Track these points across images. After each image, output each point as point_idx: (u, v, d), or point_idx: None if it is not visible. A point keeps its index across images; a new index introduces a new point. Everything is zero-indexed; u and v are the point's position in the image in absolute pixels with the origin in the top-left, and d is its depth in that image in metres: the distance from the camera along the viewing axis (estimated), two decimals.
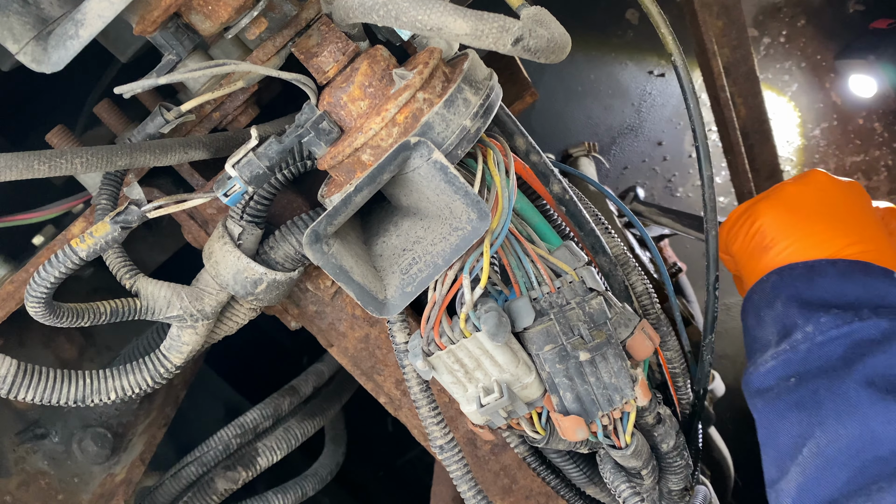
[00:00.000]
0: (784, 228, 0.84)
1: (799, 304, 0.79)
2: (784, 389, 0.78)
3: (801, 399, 0.76)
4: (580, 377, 0.71)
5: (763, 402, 0.80)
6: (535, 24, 0.58)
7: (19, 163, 0.63)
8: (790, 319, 0.79)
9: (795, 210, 0.85)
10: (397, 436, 1.87)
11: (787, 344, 0.79)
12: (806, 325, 0.78)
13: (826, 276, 0.80)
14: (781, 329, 0.80)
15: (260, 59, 0.73)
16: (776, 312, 0.81)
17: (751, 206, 0.89)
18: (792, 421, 0.76)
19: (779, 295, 0.82)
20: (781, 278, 0.82)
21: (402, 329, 0.77)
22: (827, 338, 0.76)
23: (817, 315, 0.78)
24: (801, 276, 0.81)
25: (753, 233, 0.86)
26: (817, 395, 0.75)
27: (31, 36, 0.65)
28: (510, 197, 0.69)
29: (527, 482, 0.99)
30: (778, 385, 0.79)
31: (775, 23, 1.90)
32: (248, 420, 1.13)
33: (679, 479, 0.86)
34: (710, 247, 0.82)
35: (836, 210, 0.85)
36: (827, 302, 0.78)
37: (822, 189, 0.87)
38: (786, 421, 0.77)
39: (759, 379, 0.81)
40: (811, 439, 0.74)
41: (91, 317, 0.74)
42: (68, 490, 1.01)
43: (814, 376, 0.76)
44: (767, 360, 0.80)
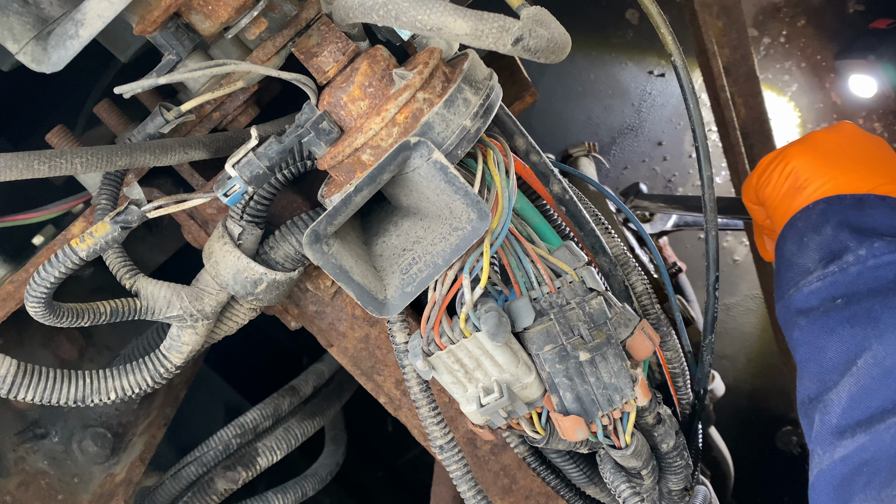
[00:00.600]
0: (818, 168, 0.85)
1: (851, 229, 0.79)
2: (832, 308, 0.77)
3: (853, 315, 0.75)
4: (580, 377, 0.71)
5: (808, 319, 0.80)
6: (535, 24, 0.58)
7: (19, 163, 0.63)
8: (840, 243, 0.79)
9: (828, 153, 0.87)
10: (397, 436, 1.87)
11: (835, 266, 0.79)
12: (859, 248, 0.78)
13: (877, 207, 0.81)
14: (828, 253, 0.80)
15: (260, 59, 0.73)
16: (824, 237, 0.81)
17: (782, 150, 0.90)
18: (844, 335, 0.76)
19: (828, 220, 0.82)
20: (830, 205, 0.83)
21: (402, 329, 0.77)
22: (880, 262, 0.76)
23: (871, 240, 0.78)
24: (851, 205, 0.82)
25: (787, 174, 0.87)
26: (872, 312, 0.74)
27: (31, 36, 0.65)
28: (510, 197, 0.69)
29: (527, 482, 0.99)
30: (823, 304, 0.78)
31: (775, 23, 1.90)
32: (248, 420, 1.13)
33: (679, 479, 0.86)
34: (710, 247, 0.82)
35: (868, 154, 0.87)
36: (878, 231, 0.79)
37: (853, 136, 0.89)
38: (835, 335, 0.76)
39: (803, 299, 0.80)
40: (868, 351, 0.73)
41: (91, 317, 0.74)
42: (68, 490, 1.01)
43: (865, 296, 0.76)
44: (812, 281, 0.80)
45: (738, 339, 2.10)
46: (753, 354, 2.10)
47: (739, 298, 2.07)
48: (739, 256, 1.99)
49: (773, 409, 2.09)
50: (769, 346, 2.08)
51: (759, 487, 2.05)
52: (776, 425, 2.10)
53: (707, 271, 0.84)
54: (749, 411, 2.10)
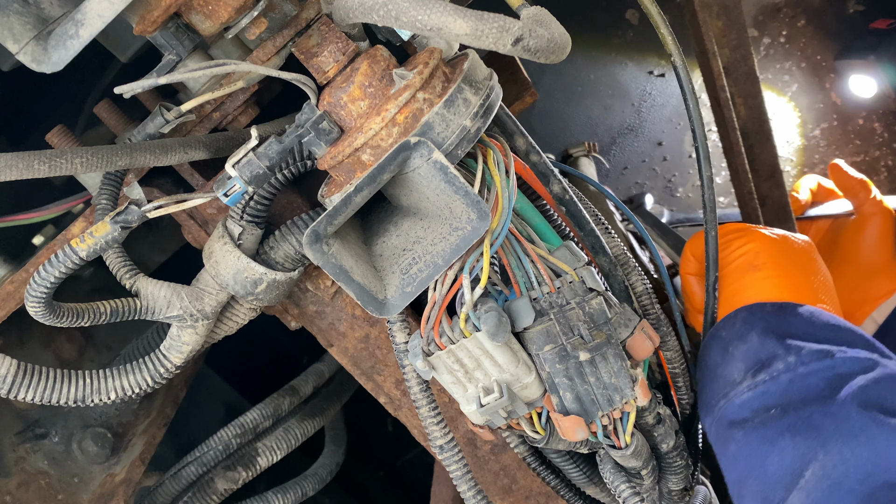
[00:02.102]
0: (776, 260, 0.85)
1: (777, 336, 0.78)
2: (768, 418, 0.75)
3: (793, 424, 0.73)
4: (580, 377, 0.71)
5: (743, 432, 0.76)
6: (535, 24, 0.59)
7: (19, 163, 0.63)
8: (768, 351, 0.78)
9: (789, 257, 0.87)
10: (397, 436, 1.87)
11: (765, 374, 0.76)
12: (787, 355, 0.76)
13: (797, 316, 0.80)
14: (756, 362, 0.78)
15: (260, 59, 0.73)
16: (750, 345, 0.79)
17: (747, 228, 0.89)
18: (785, 447, 0.72)
19: (753, 328, 0.80)
20: (752, 313, 0.82)
21: (402, 329, 0.77)
22: (810, 369, 0.74)
23: (798, 347, 0.76)
24: (773, 313, 0.81)
25: (747, 251, 0.86)
26: (812, 420, 0.72)
27: (32, 36, 0.65)
28: (510, 197, 0.69)
29: (527, 482, 0.99)
30: (758, 415, 0.76)
31: (775, 23, 1.90)
32: (248, 420, 1.13)
33: (679, 479, 0.86)
34: (710, 248, 0.83)
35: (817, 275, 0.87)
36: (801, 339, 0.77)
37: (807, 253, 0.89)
38: (776, 447, 0.73)
39: (735, 410, 0.77)
40: (814, 462, 0.70)
41: (91, 317, 0.74)
42: (68, 490, 1.02)
43: (800, 405, 0.73)
44: (743, 391, 0.77)
45: None
46: None
47: None
48: None
49: None
50: None
51: None
52: None
53: (707, 272, 0.84)
54: None
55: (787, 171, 1.94)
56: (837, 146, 1.94)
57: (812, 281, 0.85)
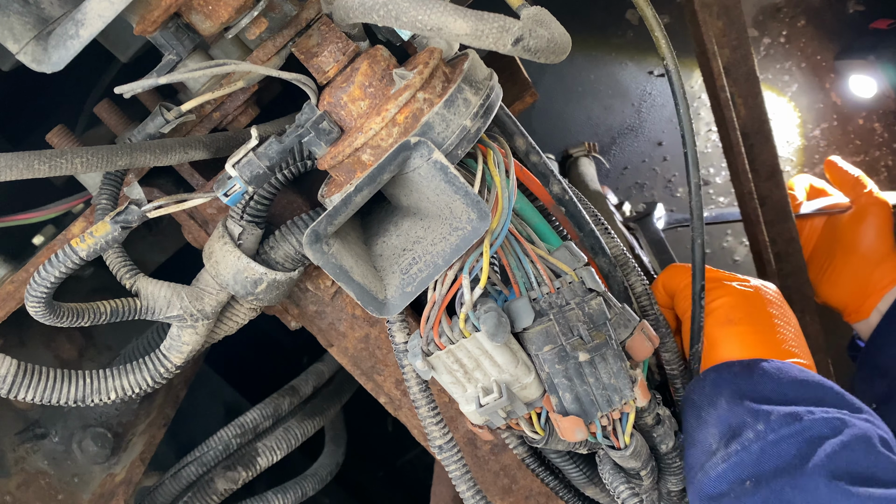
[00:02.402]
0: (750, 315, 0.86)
1: (746, 401, 0.77)
2: (742, 493, 0.74)
3: (766, 500, 0.72)
4: (579, 378, 0.71)
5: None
6: (535, 25, 0.59)
7: (19, 163, 0.63)
8: (738, 418, 0.77)
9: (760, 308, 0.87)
10: (397, 436, 1.87)
11: (737, 444, 0.76)
12: (756, 423, 0.76)
13: (765, 374, 0.79)
14: (728, 429, 0.78)
15: (260, 59, 0.73)
16: (720, 412, 0.79)
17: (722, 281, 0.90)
18: None
19: (721, 392, 0.80)
20: (720, 375, 0.81)
21: (402, 329, 0.77)
22: (779, 436, 0.74)
23: (766, 413, 0.75)
24: (740, 373, 0.80)
25: (722, 304, 0.87)
26: (783, 494, 0.71)
27: (32, 36, 0.65)
28: (510, 197, 0.69)
29: (526, 482, 0.99)
30: (733, 489, 0.75)
31: (775, 23, 1.90)
32: (248, 420, 1.13)
33: (678, 479, 0.86)
34: (696, 256, 0.82)
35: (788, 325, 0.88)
36: (770, 399, 0.77)
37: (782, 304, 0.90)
38: None
39: (712, 484, 0.77)
40: None
41: (91, 317, 0.74)
42: (68, 490, 1.02)
43: (772, 476, 0.73)
44: (717, 463, 0.77)
45: None
46: None
47: None
48: (739, 256, 1.98)
49: None
50: None
51: None
52: None
53: (693, 280, 0.83)
54: None
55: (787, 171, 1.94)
56: (837, 146, 1.94)
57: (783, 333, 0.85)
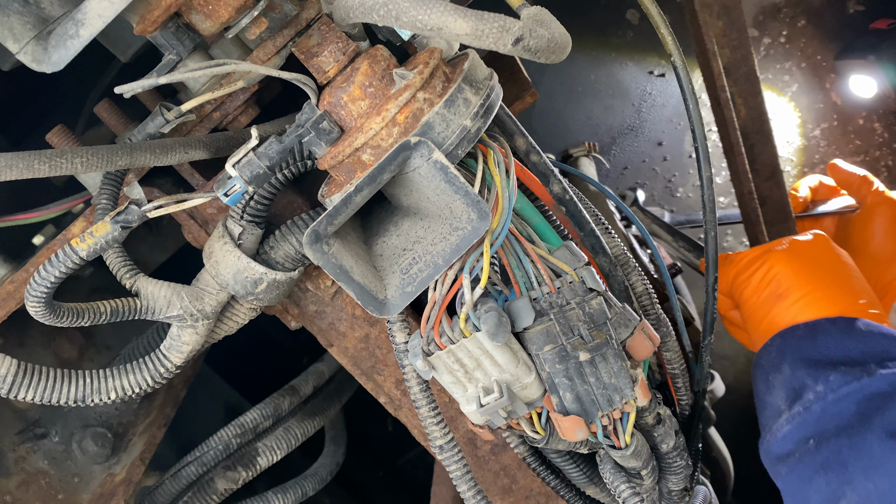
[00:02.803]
0: (799, 279, 0.85)
1: (806, 365, 0.79)
2: (805, 452, 0.77)
3: (825, 460, 0.75)
4: (580, 377, 0.71)
5: (787, 468, 0.79)
6: (535, 24, 0.58)
7: (19, 162, 0.63)
8: (799, 381, 0.79)
9: (809, 264, 0.87)
10: (397, 436, 1.87)
11: (799, 406, 0.78)
12: (816, 384, 0.78)
13: (828, 334, 0.80)
14: (791, 392, 0.80)
15: (260, 58, 0.73)
16: (784, 376, 0.81)
17: (764, 254, 0.89)
18: (820, 484, 0.75)
19: (784, 357, 0.82)
20: (785, 341, 0.83)
21: (402, 329, 0.77)
22: (838, 395, 0.76)
23: (826, 373, 0.77)
24: (804, 336, 0.82)
25: (769, 280, 0.86)
26: (841, 455, 0.74)
27: (32, 35, 0.65)
28: (510, 197, 0.69)
29: (527, 482, 0.99)
30: (798, 448, 0.78)
31: (775, 23, 1.90)
32: (248, 420, 1.13)
33: (679, 479, 0.86)
34: (710, 248, 0.82)
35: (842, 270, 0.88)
36: (833, 359, 0.78)
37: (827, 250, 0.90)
38: (813, 485, 0.76)
39: (779, 445, 0.80)
40: (843, 500, 0.72)
41: (91, 317, 0.74)
42: (68, 490, 1.01)
43: (833, 435, 0.75)
44: (782, 425, 0.80)
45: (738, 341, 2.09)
46: (753, 355, 2.10)
47: None
48: None
49: None
50: None
51: (759, 487, 2.04)
52: None
53: (706, 272, 0.84)
54: (749, 411, 2.09)
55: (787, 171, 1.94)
56: (837, 146, 1.94)
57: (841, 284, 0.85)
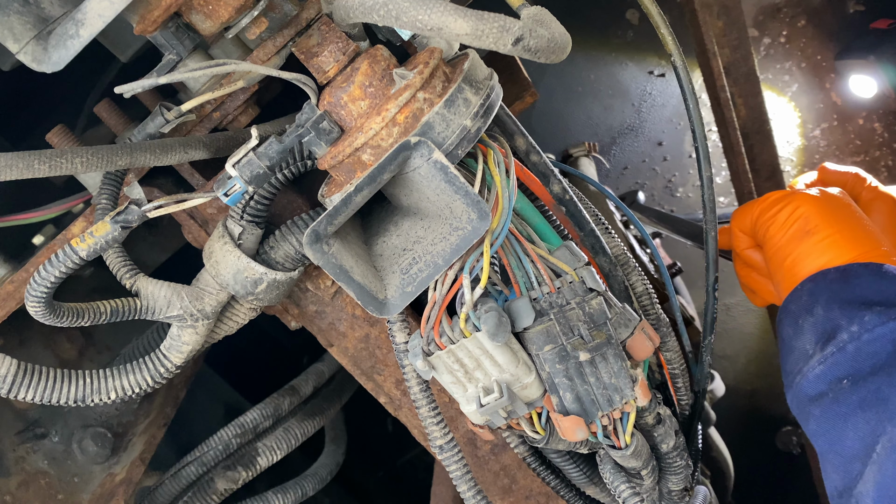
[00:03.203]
0: (827, 218, 0.85)
1: (840, 306, 0.79)
2: (840, 392, 0.76)
3: (864, 398, 0.74)
4: (580, 377, 0.71)
5: (820, 408, 0.78)
6: (535, 24, 0.58)
7: (19, 162, 0.63)
8: (832, 322, 0.79)
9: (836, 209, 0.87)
10: (397, 436, 1.87)
11: (832, 346, 0.78)
12: (850, 324, 0.77)
13: (861, 276, 0.80)
14: (823, 334, 0.79)
15: (260, 58, 0.73)
16: (816, 318, 0.80)
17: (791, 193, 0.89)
18: (858, 422, 0.74)
19: (817, 300, 0.81)
20: (817, 284, 0.82)
21: (402, 329, 0.77)
22: (874, 335, 0.75)
23: (861, 314, 0.77)
24: (836, 279, 0.81)
25: (798, 217, 0.86)
26: (881, 392, 0.73)
27: (32, 35, 0.65)
28: (510, 197, 0.69)
29: (527, 482, 0.99)
30: (831, 389, 0.77)
31: (775, 23, 1.90)
32: (248, 420, 1.13)
33: (679, 479, 0.86)
34: (710, 248, 0.82)
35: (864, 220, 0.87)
36: (868, 300, 0.78)
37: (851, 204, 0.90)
38: (850, 423, 0.75)
39: (810, 385, 0.79)
40: (884, 436, 0.72)
41: (91, 316, 0.74)
42: (68, 490, 1.01)
43: (869, 374, 0.75)
44: (815, 365, 0.79)
45: (738, 340, 2.10)
46: (753, 355, 2.10)
47: (739, 299, 2.07)
48: None
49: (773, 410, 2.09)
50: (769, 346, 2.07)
51: (759, 487, 2.05)
52: (776, 425, 2.10)
53: (707, 272, 0.84)
54: (749, 411, 2.10)
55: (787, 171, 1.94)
56: (837, 146, 1.94)
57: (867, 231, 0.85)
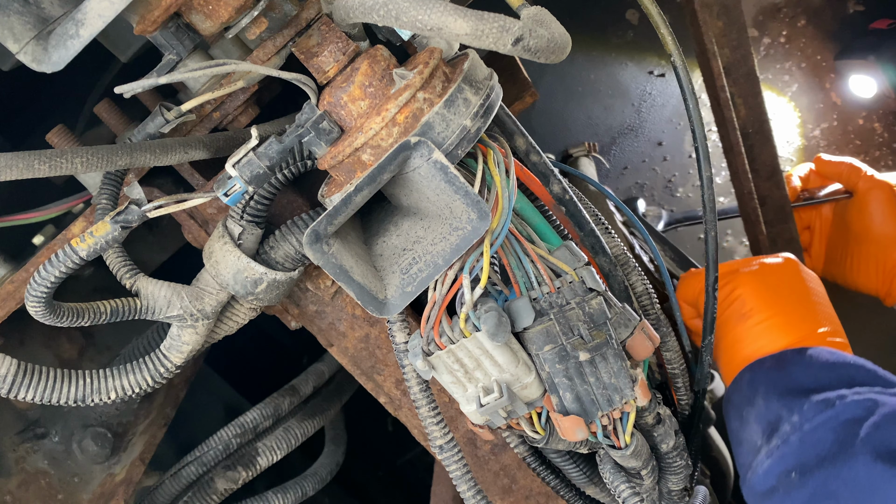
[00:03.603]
0: (763, 302, 0.86)
1: (779, 396, 0.79)
2: (790, 486, 0.75)
3: (813, 493, 0.73)
4: (580, 377, 0.71)
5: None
6: (535, 24, 0.59)
7: (19, 162, 0.63)
8: (774, 413, 0.78)
9: (774, 288, 0.87)
10: (397, 436, 1.87)
11: (777, 439, 0.77)
12: (791, 415, 0.77)
13: (796, 364, 0.80)
14: (768, 425, 0.79)
15: (260, 58, 0.73)
16: (758, 409, 0.80)
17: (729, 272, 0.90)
18: None
19: (757, 390, 0.81)
20: (754, 374, 0.83)
21: (402, 329, 0.77)
22: (815, 424, 0.75)
23: (800, 403, 0.77)
24: (772, 368, 0.81)
25: (733, 298, 0.87)
26: (829, 486, 0.72)
27: (32, 35, 0.65)
28: (510, 197, 0.69)
29: (527, 482, 0.99)
30: (781, 483, 0.76)
31: (775, 23, 1.90)
32: (248, 420, 1.13)
33: (679, 479, 0.86)
34: (710, 248, 0.82)
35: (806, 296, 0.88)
36: (805, 388, 0.78)
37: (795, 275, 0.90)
38: None
39: (761, 481, 0.79)
40: None
41: (91, 316, 0.74)
42: (68, 490, 1.02)
43: (815, 466, 0.74)
44: (763, 460, 0.79)
45: None
46: None
47: None
48: (739, 256, 1.98)
49: None
50: None
51: None
52: None
53: (706, 272, 0.84)
54: None
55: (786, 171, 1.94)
56: (837, 146, 1.94)
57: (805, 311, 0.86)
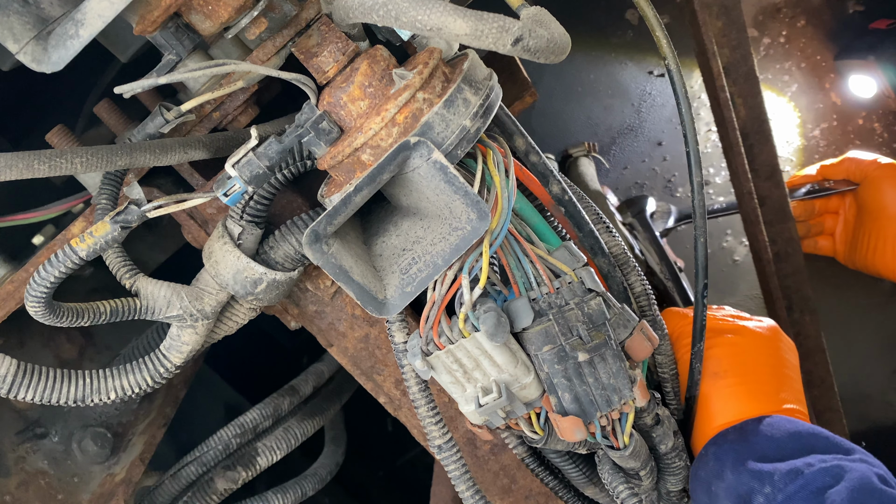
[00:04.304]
0: (736, 364, 0.87)
1: (747, 468, 0.79)
2: None
3: None
4: (579, 378, 0.71)
5: None
6: (535, 25, 0.59)
7: (19, 162, 0.63)
8: (745, 486, 0.78)
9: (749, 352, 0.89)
10: (397, 436, 1.87)
11: None
12: (763, 486, 0.77)
13: (757, 434, 0.81)
14: (738, 498, 0.79)
15: (260, 58, 0.73)
16: (728, 483, 0.80)
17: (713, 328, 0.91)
18: None
19: (724, 464, 0.81)
20: (720, 447, 0.83)
21: (401, 329, 0.77)
22: (787, 495, 0.75)
23: (769, 474, 0.77)
24: (736, 440, 0.82)
25: (710, 356, 0.88)
26: None
27: (32, 35, 0.65)
28: (510, 197, 0.69)
29: (526, 482, 0.99)
30: None
31: (775, 23, 1.90)
32: (248, 420, 1.13)
33: (678, 479, 0.86)
34: (699, 255, 0.82)
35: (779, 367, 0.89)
36: (769, 457, 0.79)
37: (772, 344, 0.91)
38: None
39: None
40: None
41: (91, 316, 0.74)
42: (68, 490, 1.02)
43: None
44: None
45: None
46: None
47: (739, 298, 2.07)
48: (739, 256, 1.98)
49: None
50: None
51: None
52: None
53: (696, 279, 0.83)
54: None
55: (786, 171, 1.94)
56: (837, 146, 1.94)
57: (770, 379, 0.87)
